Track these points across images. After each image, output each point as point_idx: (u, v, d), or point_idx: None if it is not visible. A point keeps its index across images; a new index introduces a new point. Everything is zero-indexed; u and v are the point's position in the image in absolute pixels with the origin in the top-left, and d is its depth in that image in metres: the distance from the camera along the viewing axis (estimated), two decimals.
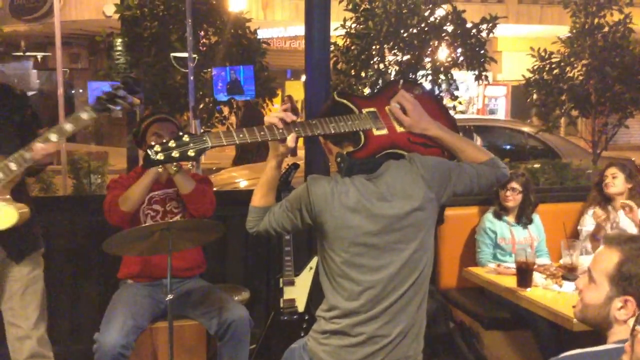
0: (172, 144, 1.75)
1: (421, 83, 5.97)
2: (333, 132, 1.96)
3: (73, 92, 16.60)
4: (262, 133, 1.87)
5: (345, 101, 2.06)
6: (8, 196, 2.30)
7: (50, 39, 14.85)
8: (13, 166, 2.23)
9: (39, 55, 15.78)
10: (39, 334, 2.51)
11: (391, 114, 2.08)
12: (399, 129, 2.05)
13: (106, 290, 3.13)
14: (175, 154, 1.74)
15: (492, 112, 17.52)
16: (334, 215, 1.93)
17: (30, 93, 15.63)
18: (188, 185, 2.79)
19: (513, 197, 3.59)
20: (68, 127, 2.24)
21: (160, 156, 1.74)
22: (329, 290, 2.02)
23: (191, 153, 1.76)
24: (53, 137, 2.23)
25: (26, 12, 13.80)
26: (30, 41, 15.12)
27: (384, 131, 2.03)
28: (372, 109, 2.06)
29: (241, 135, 1.84)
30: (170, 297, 2.47)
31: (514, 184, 3.59)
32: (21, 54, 14.99)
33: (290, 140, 1.89)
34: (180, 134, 1.78)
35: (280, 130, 1.89)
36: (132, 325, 2.62)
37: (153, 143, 1.75)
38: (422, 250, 1.99)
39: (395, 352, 1.98)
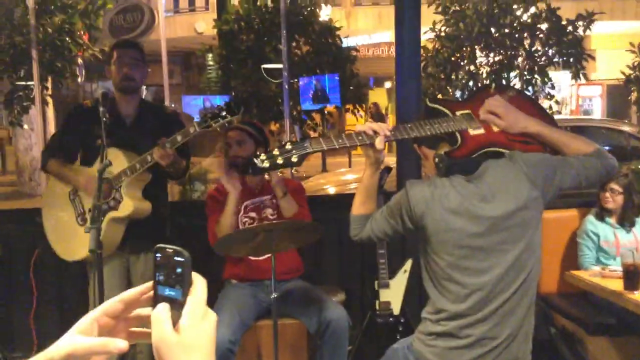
0: (276, 151, 1.85)
1: (513, 85, 5.84)
2: (429, 133, 1.98)
3: (169, 105, 17.42)
4: (359, 137, 1.93)
5: (437, 106, 2.09)
6: (138, 192, 2.79)
7: (147, 56, 15.73)
8: (137, 166, 2.69)
9: None
10: None
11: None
12: (496, 129, 2.05)
13: (211, 290, 3.28)
14: (279, 160, 1.84)
15: (586, 112, 16.75)
16: (436, 218, 1.95)
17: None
18: (292, 209, 2.94)
19: (613, 199, 3.45)
20: (179, 138, 2.62)
21: (266, 163, 1.84)
22: (434, 293, 2.03)
23: (294, 159, 1.85)
24: (167, 145, 2.63)
25: (124, 31, 14.65)
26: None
27: (481, 130, 2.04)
28: (466, 111, 2.07)
29: (340, 140, 1.91)
30: (274, 295, 2.57)
31: (614, 185, 3.45)
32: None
33: (378, 142, 1.91)
34: (283, 142, 1.88)
35: (375, 135, 1.93)
36: (239, 322, 2.75)
37: (258, 153, 1.86)
38: (529, 251, 1.96)
39: (504, 354, 1.97)
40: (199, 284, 0.75)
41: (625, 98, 7.17)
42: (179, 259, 0.74)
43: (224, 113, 2.55)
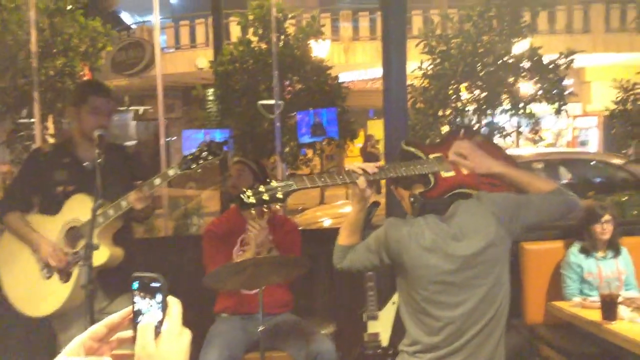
0: (262, 188, 1.98)
1: (480, 130, 6.02)
2: (405, 174, 2.12)
3: (168, 140, 17.65)
4: (340, 177, 2.07)
5: (412, 149, 2.23)
6: (109, 239, 2.61)
7: (147, 91, 15.98)
8: (111, 212, 2.53)
9: (141, 108, 16.90)
10: None
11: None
12: (466, 171, 2.19)
13: (203, 324, 3.38)
14: (265, 196, 1.97)
15: (583, 143, 16.91)
16: (412, 255, 2.07)
17: (130, 143, 16.74)
18: None
19: (608, 229, 3.55)
20: (157, 181, 2.54)
21: (252, 199, 1.97)
22: (411, 326, 2.15)
23: (279, 195, 1.99)
24: (145, 188, 2.52)
25: (126, 67, 14.93)
26: (129, 95, 16.31)
27: (452, 173, 2.18)
28: (438, 154, 2.22)
29: (322, 179, 2.06)
30: (262, 328, 2.67)
31: (608, 216, 3.54)
32: (125, 108, 16.17)
33: (360, 182, 2.06)
34: (268, 180, 2.01)
35: (357, 175, 2.08)
36: (228, 356, 2.84)
37: (245, 189, 1.99)
38: (498, 285, 2.08)
39: None
40: (174, 306, 0.85)
41: (618, 129, 7.29)
42: (155, 284, 0.83)
43: (204, 154, 2.49)
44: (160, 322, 0.83)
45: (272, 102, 5.77)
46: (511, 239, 2.12)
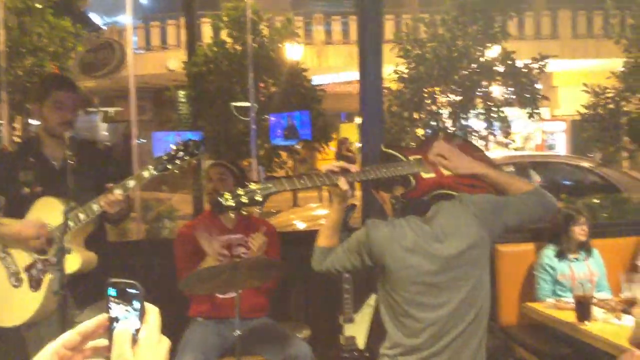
0: (240, 191, 1.95)
1: (457, 135, 6.09)
2: (385, 176, 2.12)
3: (139, 141, 17.37)
4: (320, 179, 2.06)
5: (392, 151, 2.23)
6: (80, 243, 2.49)
7: (116, 92, 15.73)
8: (82, 216, 2.40)
9: (111, 109, 16.62)
10: None
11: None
12: (446, 172, 2.20)
13: (177, 328, 3.32)
14: (244, 199, 1.95)
15: (551, 147, 17.24)
16: (394, 256, 2.07)
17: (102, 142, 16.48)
18: None
19: (586, 231, 3.60)
20: (131, 183, 2.41)
21: (230, 202, 1.94)
22: (391, 328, 2.13)
23: (258, 198, 1.96)
24: (117, 191, 2.39)
25: (95, 68, 14.69)
26: (98, 96, 16.05)
27: (432, 174, 2.18)
28: (418, 157, 2.22)
29: (302, 181, 2.03)
30: (238, 332, 2.63)
31: (584, 219, 3.59)
32: (95, 109, 15.89)
33: (341, 183, 2.05)
34: (247, 183, 1.99)
35: (337, 177, 2.06)
36: None
37: (222, 192, 1.95)
38: (479, 287, 2.09)
39: None
40: (152, 313, 0.82)
41: (590, 133, 7.42)
42: (132, 291, 0.80)
43: (181, 154, 2.39)
44: (138, 330, 0.80)
45: (246, 104, 5.74)
46: (492, 240, 2.13)
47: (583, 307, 2.95)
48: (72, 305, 2.55)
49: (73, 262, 2.41)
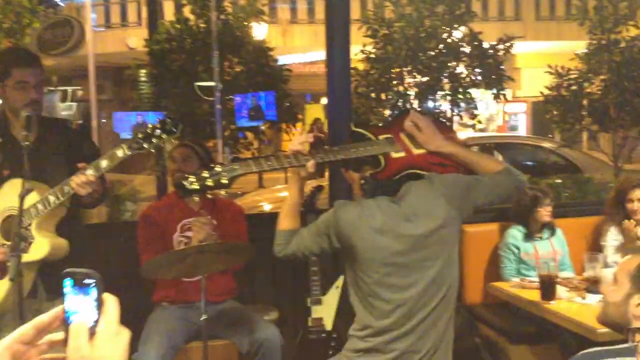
0: (205, 173, 1.90)
1: (430, 112, 6.11)
2: (354, 156, 2.08)
3: (100, 121, 16.97)
4: (288, 159, 2.01)
5: (361, 130, 2.20)
6: (51, 229, 2.36)
7: (76, 72, 15.32)
8: (52, 199, 2.27)
9: (69, 89, 16.14)
10: None
11: (406, 136, 2.20)
12: (416, 151, 2.17)
13: (142, 314, 3.25)
14: (209, 182, 1.89)
15: (513, 128, 17.52)
16: (363, 237, 2.04)
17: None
18: None
19: (550, 212, 3.63)
20: (104, 163, 2.28)
21: (195, 185, 1.89)
22: (360, 310, 2.11)
23: (224, 180, 1.91)
24: (89, 172, 2.26)
25: (54, 46, 14.24)
26: (57, 75, 15.58)
27: (402, 154, 2.15)
28: (388, 135, 2.19)
29: (269, 162, 1.99)
30: (204, 317, 2.58)
31: (548, 200, 3.62)
32: (52, 88, 15.42)
33: (310, 165, 2.01)
34: (212, 165, 1.93)
35: (305, 157, 2.02)
36: (168, 346, 2.74)
37: (187, 175, 1.89)
38: (448, 267, 2.08)
39: None
40: (111, 304, 0.78)
41: (545, 116, 7.54)
42: (89, 280, 0.77)
43: (158, 132, 2.29)
44: (96, 322, 0.76)
45: (210, 83, 5.61)
46: (462, 220, 2.12)
47: (547, 287, 2.99)
48: (43, 295, 2.44)
49: (40, 249, 2.30)
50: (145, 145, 2.27)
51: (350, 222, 2.05)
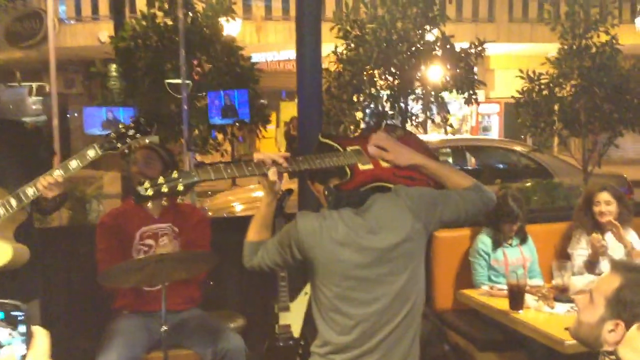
0: (161, 180, 1.83)
1: (401, 126, 6.09)
2: (319, 166, 2.02)
3: (68, 116, 16.65)
4: (249, 168, 1.95)
5: (329, 141, 2.14)
6: (10, 235, 2.26)
7: (45, 65, 14.94)
8: (13, 202, 2.19)
9: (34, 85, 15.76)
10: None
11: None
12: (384, 164, 2.12)
13: (104, 320, 3.15)
14: (164, 188, 1.82)
15: (485, 129, 17.67)
16: (324, 250, 1.97)
17: (27, 119, 15.68)
18: None
19: (517, 226, 3.59)
20: (73, 163, 2.22)
21: (149, 192, 1.81)
22: (321, 325, 2.05)
23: (180, 187, 1.85)
24: (57, 173, 2.20)
25: (22, 39, 13.91)
26: (25, 68, 15.23)
27: (369, 166, 2.10)
28: (356, 147, 2.13)
29: (229, 170, 1.92)
30: (164, 328, 2.49)
31: (519, 224, 3.55)
32: (16, 84, 15.07)
33: (271, 174, 1.95)
34: (170, 171, 1.86)
35: (267, 167, 1.95)
36: (128, 357, 2.64)
37: (142, 180, 1.82)
38: (413, 282, 2.02)
39: None
40: (40, 337, 0.76)
41: (516, 120, 7.59)
42: (17, 313, 0.75)
43: (132, 132, 2.26)
44: (24, 357, 0.74)
45: (178, 81, 5.48)
46: (427, 234, 2.07)
47: (516, 296, 2.97)
48: None
49: (2, 256, 2.21)
50: (118, 145, 2.24)
51: (311, 233, 1.99)
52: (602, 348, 1.56)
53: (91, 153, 2.22)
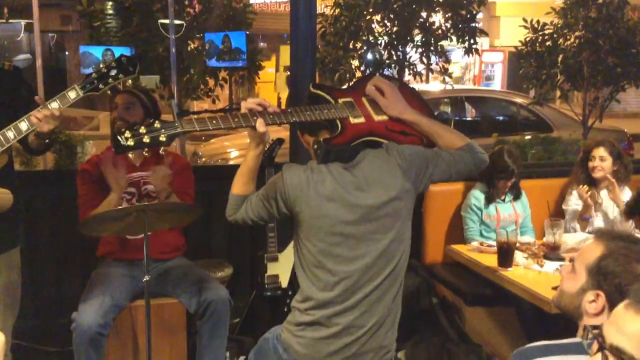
0: (142, 129, 1.75)
1: (397, 77, 5.90)
2: (308, 119, 1.93)
3: (67, 54, 16.34)
4: (235, 120, 1.87)
5: (320, 92, 2.05)
6: None
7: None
8: (10, 134, 2.15)
9: (23, 22, 15.34)
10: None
11: (367, 101, 2.06)
12: (377, 118, 2.04)
13: (89, 266, 3.13)
14: (146, 139, 1.75)
15: (488, 78, 17.38)
16: (310, 204, 1.92)
17: (22, 57, 15.37)
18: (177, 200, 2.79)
19: (511, 182, 3.53)
20: (54, 105, 2.16)
21: (130, 142, 1.74)
22: (304, 280, 2.01)
23: (162, 138, 1.78)
24: (54, 105, 2.16)
25: None
26: (16, 3, 14.78)
27: (361, 119, 2.01)
28: (348, 99, 2.04)
29: (214, 122, 1.85)
30: (147, 278, 2.45)
31: (513, 166, 3.47)
32: (4, 21, 14.65)
33: (259, 125, 1.86)
34: (152, 120, 1.78)
35: (255, 118, 1.87)
36: (110, 305, 2.61)
37: (123, 129, 1.74)
38: (398, 241, 1.97)
39: (370, 343, 1.98)
40: None
41: (518, 71, 7.41)
42: None
43: (114, 72, 2.18)
44: None
45: (165, 21, 5.25)
46: (416, 193, 2.00)
47: (505, 254, 2.93)
48: None
49: None
50: (100, 86, 2.17)
51: (297, 187, 1.92)
52: (581, 319, 1.52)
53: (72, 94, 2.16)
